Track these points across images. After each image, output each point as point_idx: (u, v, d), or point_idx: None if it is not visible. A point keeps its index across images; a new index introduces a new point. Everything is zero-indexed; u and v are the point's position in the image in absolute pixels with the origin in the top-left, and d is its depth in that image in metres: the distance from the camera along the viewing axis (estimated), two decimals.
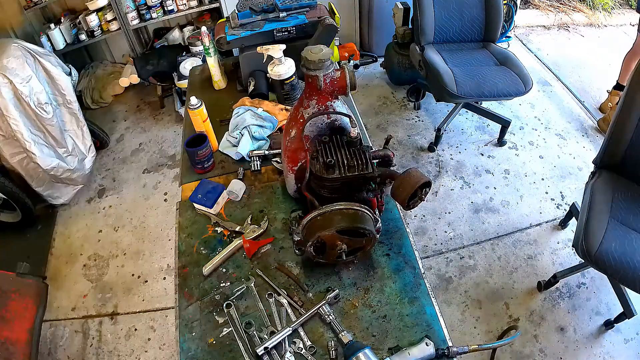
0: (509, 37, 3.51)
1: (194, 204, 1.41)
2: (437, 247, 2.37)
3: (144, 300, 2.29)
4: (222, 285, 1.21)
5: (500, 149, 2.86)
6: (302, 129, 1.19)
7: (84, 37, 3.23)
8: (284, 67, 1.57)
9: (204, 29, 1.78)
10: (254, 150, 1.54)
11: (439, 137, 2.82)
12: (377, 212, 1.21)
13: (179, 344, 1.11)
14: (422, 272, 1.20)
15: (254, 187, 1.47)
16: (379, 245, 1.26)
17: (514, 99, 2.86)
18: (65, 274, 2.46)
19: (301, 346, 1.07)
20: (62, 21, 3.18)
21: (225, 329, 1.12)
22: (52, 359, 2.11)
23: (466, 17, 2.65)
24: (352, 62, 3.08)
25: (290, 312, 1.13)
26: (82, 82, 3.49)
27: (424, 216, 2.51)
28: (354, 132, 1.16)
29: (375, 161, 1.19)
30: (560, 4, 4.14)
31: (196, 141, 1.48)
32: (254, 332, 1.09)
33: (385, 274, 1.20)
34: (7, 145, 2.31)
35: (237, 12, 1.77)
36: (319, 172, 1.12)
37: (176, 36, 3.53)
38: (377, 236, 1.19)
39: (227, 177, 1.51)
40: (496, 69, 2.50)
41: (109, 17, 3.18)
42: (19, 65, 2.31)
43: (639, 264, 1.55)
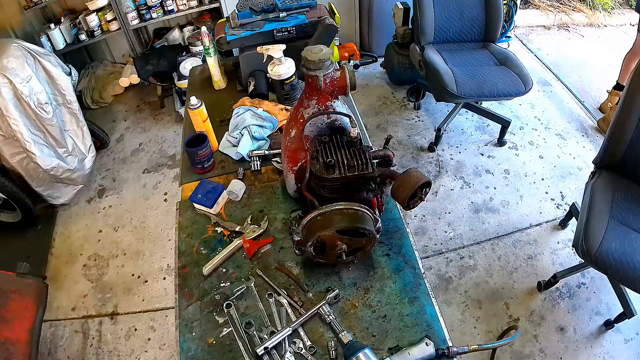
0: (509, 37, 3.51)
1: (194, 204, 1.41)
2: (437, 247, 2.37)
3: (144, 300, 2.29)
4: (222, 285, 1.21)
5: (500, 149, 2.86)
6: (302, 129, 1.19)
7: (84, 37, 3.24)
8: (284, 67, 1.57)
9: (204, 29, 1.78)
10: (254, 150, 1.54)
11: (439, 137, 2.82)
12: (377, 212, 1.20)
13: (179, 344, 1.11)
14: (422, 272, 1.20)
15: (254, 187, 1.47)
16: (379, 245, 1.26)
17: (514, 99, 2.86)
18: (65, 274, 2.46)
19: (301, 346, 1.07)
20: (62, 21, 3.18)
21: (225, 329, 1.12)
22: (52, 359, 2.11)
23: (466, 17, 2.65)
24: (352, 62, 3.08)
25: (290, 312, 1.13)
26: (82, 82, 3.49)
27: (424, 216, 2.51)
28: (354, 132, 1.16)
29: (375, 161, 1.19)
30: (560, 4, 4.14)
31: (196, 141, 1.48)
32: (254, 332, 1.09)
33: (385, 274, 1.20)
34: (7, 145, 2.31)
35: (237, 12, 1.77)
36: (319, 172, 1.12)
37: (176, 36, 3.53)
38: (377, 236, 1.19)
39: (227, 177, 1.51)
40: (496, 69, 2.50)
41: (109, 17, 3.18)
42: (19, 65, 2.31)
43: (639, 264, 1.55)
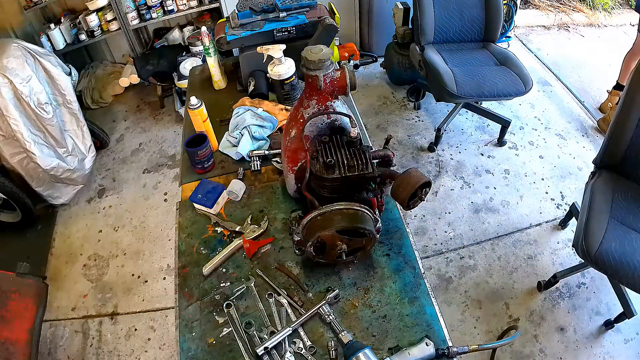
0: (509, 37, 3.51)
1: (194, 204, 1.41)
2: (437, 247, 2.37)
3: (144, 300, 2.29)
4: (222, 285, 1.21)
5: (500, 149, 2.86)
6: (302, 129, 1.19)
7: (84, 37, 3.24)
8: (284, 67, 1.57)
9: (204, 29, 1.78)
10: (254, 150, 1.54)
11: (439, 137, 2.82)
12: (377, 212, 1.20)
13: (179, 344, 1.11)
14: (422, 272, 1.20)
15: (254, 187, 1.47)
16: (379, 245, 1.26)
17: (514, 99, 2.85)
18: (65, 274, 2.46)
19: (301, 346, 1.07)
20: (62, 21, 3.18)
21: (225, 329, 1.12)
22: (52, 359, 2.11)
23: (466, 17, 2.65)
24: (352, 62, 3.07)
25: (290, 312, 1.13)
26: (82, 82, 3.49)
27: (424, 216, 2.51)
28: (354, 132, 1.16)
29: (375, 161, 1.19)
30: (560, 4, 4.13)
31: (196, 141, 1.48)
32: (254, 332, 1.09)
33: (385, 274, 1.20)
34: (7, 145, 2.31)
35: (237, 12, 1.77)
36: (319, 172, 1.12)
37: (176, 36, 3.53)
38: (377, 236, 1.19)
39: (227, 177, 1.51)
40: (496, 69, 2.50)
41: (109, 17, 3.18)
42: (19, 65, 2.31)
43: (639, 264, 1.55)
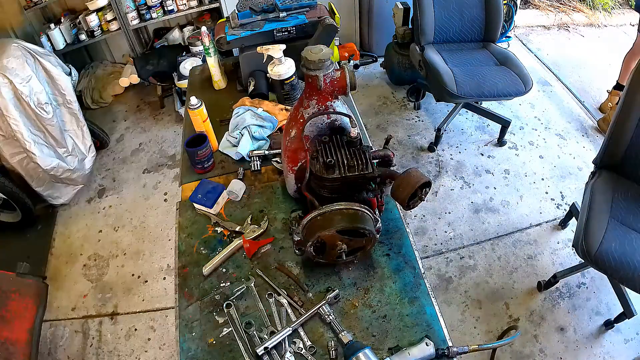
0: (509, 37, 3.51)
1: (194, 204, 1.41)
2: (437, 247, 2.37)
3: (144, 300, 2.29)
4: (222, 285, 1.21)
5: (500, 149, 2.86)
6: (302, 129, 1.19)
7: (84, 37, 3.24)
8: (284, 67, 1.57)
9: (204, 29, 1.78)
10: (254, 150, 1.54)
11: (439, 137, 2.82)
12: (377, 212, 1.20)
13: (179, 344, 1.11)
14: (422, 272, 1.20)
15: (254, 187, 1.47)
16: (379, 245, 1.26)
17: (514, 99, 2.85)
18: (65, 274, 2.46)
19: (301, 346, 1.07)
20: (62, 21, 3.18)
21: (225, 329, 1.12)
22: (52, 359, 2.11)
23: (466, 17, 2.65)
24: (352, 62, 3.07)
25: (290, 312, 1.13)
26: (82, 82, 3.49)
27: (424, 216, 2.51)
28: (354, 132, 1.16)
29: (375, 161, 1.19)
30: (560, 4, 4.13)
31: (196, 141, 1.48)
32: (254, 332, 1.09)
33: (385, 274, 1.20)
34: (7, 145, 2.31)
35: (237, 12, 1.77)
36: (319, 172, 1.12)
37: (176, 36, 3.53)
38: (377, 236, 1.19)
39: (227, 177, 1.51)
40: (496, 69, 2.50)
41: (109, 17, 3.18)
42: (19, 65, 2.31)
43: (639, 264, 1.55)
